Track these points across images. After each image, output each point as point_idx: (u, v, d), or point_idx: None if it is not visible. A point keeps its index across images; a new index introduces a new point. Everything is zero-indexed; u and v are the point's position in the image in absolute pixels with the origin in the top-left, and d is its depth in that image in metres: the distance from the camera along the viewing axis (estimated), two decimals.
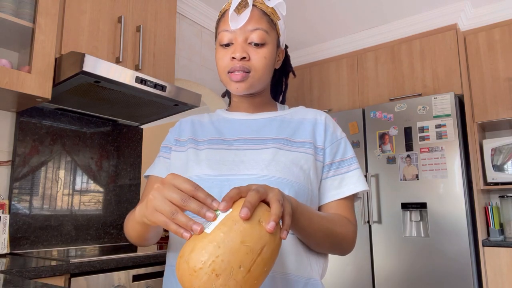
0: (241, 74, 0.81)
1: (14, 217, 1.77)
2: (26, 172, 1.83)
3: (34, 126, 1.89)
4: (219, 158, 0.80)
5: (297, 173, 0.76)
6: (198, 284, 0.49)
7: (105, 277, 1.45)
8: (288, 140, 0.82)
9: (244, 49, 0.81)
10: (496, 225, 2.52)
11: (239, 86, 0.82)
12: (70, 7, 1.72)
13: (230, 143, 0.83)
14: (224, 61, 0.83)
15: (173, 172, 0.84)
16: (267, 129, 0.85)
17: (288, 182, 0.74)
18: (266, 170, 0.75)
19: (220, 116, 0.92)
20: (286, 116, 0.88)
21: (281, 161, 0.77)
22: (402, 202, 2.54)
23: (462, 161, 2.42)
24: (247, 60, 0.81)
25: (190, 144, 0.86)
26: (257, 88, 0.85)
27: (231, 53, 0.82)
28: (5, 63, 1.56)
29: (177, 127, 0.93)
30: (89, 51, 1.77)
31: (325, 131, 0.85)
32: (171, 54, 2.18)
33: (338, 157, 0.84)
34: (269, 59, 0.83)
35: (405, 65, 2.91)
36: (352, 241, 0.78)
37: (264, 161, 0.77)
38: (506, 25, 2.66)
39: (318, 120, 0.86)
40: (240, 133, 0.85)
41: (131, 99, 1.87)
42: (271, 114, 0.89)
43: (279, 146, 0.80)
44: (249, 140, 0.83)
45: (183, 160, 0.84)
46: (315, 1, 2.75)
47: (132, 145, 2.34)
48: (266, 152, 0.79)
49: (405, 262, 2.46)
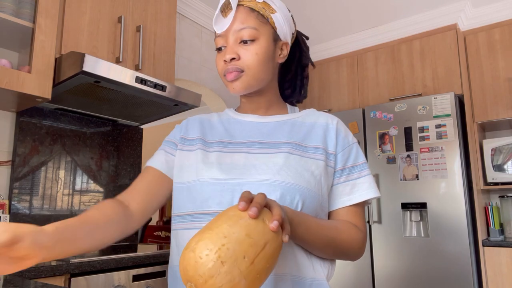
0: (234, 73, 0.80)
1: (14, 217, 1.76)
2: (26, 172, 1.83)
3: (34, 126, 1.89)
4: (230, 161, 0.79)
5: (308, 178, 0.75)
6: (203, 270, 0.50)
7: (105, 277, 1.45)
8: (299, 145, 0.80)
9: (234, 50, 0.80)
10: (496, 225, 2.52)
11: (234, 85, 0.81)
12: (70, 7, 1.72)
13: (241, 146, 0.82)
14: (220, 65, 0.83)
15: (179, 171, 0.82)
16: (278, 133, 0.83)
17: (299, 188, 0.74)
18: (278, 175, 0.74)
19: (230, 117, 0.90)
20: (297, 119, 0.87)
21: (292, 166, 0.76)
22: (402, 202, 2.54)
23: (462, 161, 2.42)
24: (237, 60, 0.80)
25: (199, 144, 0.84)
26: (256, 86, 0.83)
27: (222, 57, 0.82)
28: (5, 63, 1.56)
29: (184, 125, 0.91)
30: (89, 51, 1.77)
31: (337, 137, 0.83)
32: (171, 54, 2.18)
33: (349, 162, 0.83)
34: (262, 55, 0.81)
35: (405, 65, 2.91)
36: (358, 248, 0.78)
37: (276, 166, 0.76)
38: (506, 25, 2.65)
39: (329, 125, 0.85)
40: (251, 136, 0.83)
41: (131, 99, 1.87)
42: (282, 117, 0.87)
43: (290, 151, 0.78)
44: (260, 144, 0.81)
45: (192, 161, 0.82)
46: (315, 1, 2.75)
47: (132, 145, 2.34)
48: (277, 157, 0.77)
49: (405, 262, 2.46)
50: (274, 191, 0.72)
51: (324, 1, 2.74)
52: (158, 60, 2.10)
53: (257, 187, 0.73)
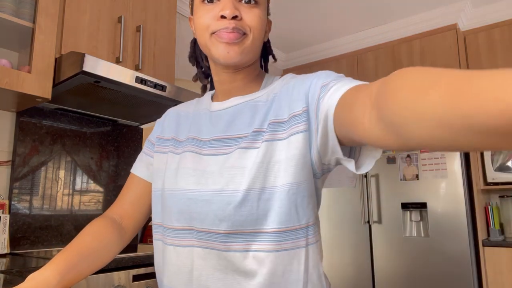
0: (235, 34, 0.63)
1: (14, 217, 1.77)
2: (26, 172, 1.83)
3: (34, 126, 1.89)
4: (191, 166, 0.68)
5: (275, 173, 0.61)
6: None
7: (105, 277, 1.45)
8: (258, 131, 0.64)
9: (236, 6, 0.64)
10: (496, 225, 2.52)
11: (230, 49, 0.64)
12: (70, 7, 1.72)
13: (205, 145, 0.70)
14: (207, 19, 0.65)
15: (157, 175, 0.75)
16: (238, 122, 0.68)
17: (262, 192, 0.61)
18: (231, 183, 0.62)
19: (204, 104, 0.77)
20: (261, 97, 0.69)
21: (250, 167, 0.61)
22: (402, 202, 2.54)
23: (462, 161, 2.42)
24: (239, 20, 0.64)
25: (171, 146, 0.75)
26: (249, 56, 0.67)
27: (218, 11, 0.64)
28: (5, 63, 1.56)
29: (161, 122, 0.82)
30: (89, 51, 1.77)
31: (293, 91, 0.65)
32: (171, 54, 2.18)
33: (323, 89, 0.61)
34: (263, 22, 0.68)
35: (405, 65, 2.91)
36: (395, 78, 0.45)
37: (230, 170, 0.63)
38: (506, 25, 2.66)
39: (282, 88, 0.68)
40: (214, 131, 0.70)
41: (131, 99, 1.87)
42: (245, 98, 0.71)
43: (247, 145, 0.64)
44: (219, 141, 0.68)
45: (162, 165, 0.75)
46: (315, 1, 2.75)
47: (132, 145, 2.34)
48: (232, 157, 0.64)
49: (405, 262, 2.46)
50: (227, 205, 0.62)
51: (324, 1, 2.75)
52: (158, 60, 2.10)
53: (210, 201, 0.63)
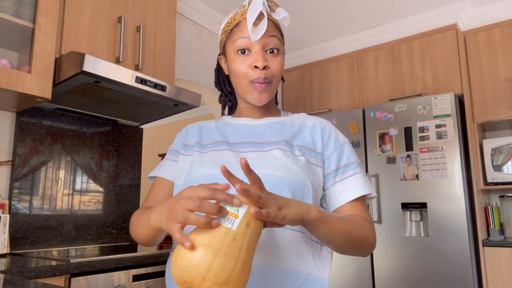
0: (265, 85, 0.85)
1: (14, 217, 1.77)
2: (26, 172, 1.83)
3: (34, 126, 1.89)
4: (223, 158, 0.83)
5: (297, 172, 0.79)
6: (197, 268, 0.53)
7: (105, 277, 1.45)
8: (287, 142, 0.85)
9: (265, 57, 0.84)
10: (496, 225, 2.52)
11: (261, 97, 0.86)
12: (70, 7, 1.72)
13: (234, 145, 0.87)
14: (244, 69, 0.85)
15: (180, 174, 0.88)
16: (269, 133, 0.88)
17: (287, 181, 0.77)
18: (267, 169, 0.78)
19: (226, 122, 0.96)
20: (287, 121, 0.92)
21: (281, 162, 0.80)
22: (402, 202, 2.54)
23: (462, 161, 2.42)
24: (268, 69, 0.84)
25: (196, 148, 0.90)
26: (271, 96, 0.89)
27: (252, 62, 0.84)
28: (5, 63, 1.56)
29: (184, 132, 0.97)
30: (89, 51, 1.77)
31: (328, 138, 0.87)
32: (171, 54, 2.18)
33: (343, 161, 0.86)
34: (283, 68, 0.88)
35: (405, 65, 2.91)
36: (372, 241, 0.79)
37: (265, 161, 0.80)
38: (506, 25, 2.65)
39: (316, 126, 0.89)
40: (243, 136, 0.88)
41: (131, 99, 1.87)
42: (274, 119, 0.92)
43: (280, 147, 0.83)
44: (252, 143, 0.86)
45: (188, 163, 0.87)
46: (315, 1, 2.75)
47: (132, 145, 2.34)
48: (267, 154, 0.82)
49: (405, 262, 2.46)
50: None
51: (325, 1, 2.74)
52: (158, 60, 2.10)
53: (247, 181, 0.76)
